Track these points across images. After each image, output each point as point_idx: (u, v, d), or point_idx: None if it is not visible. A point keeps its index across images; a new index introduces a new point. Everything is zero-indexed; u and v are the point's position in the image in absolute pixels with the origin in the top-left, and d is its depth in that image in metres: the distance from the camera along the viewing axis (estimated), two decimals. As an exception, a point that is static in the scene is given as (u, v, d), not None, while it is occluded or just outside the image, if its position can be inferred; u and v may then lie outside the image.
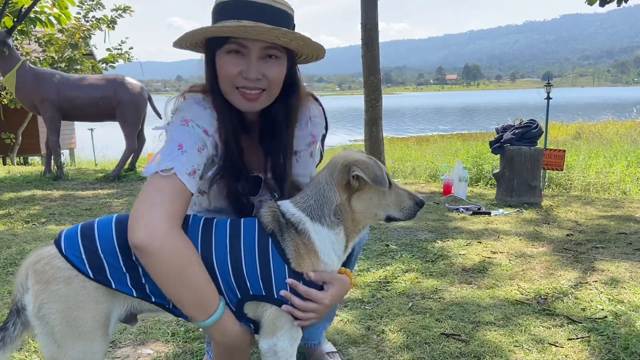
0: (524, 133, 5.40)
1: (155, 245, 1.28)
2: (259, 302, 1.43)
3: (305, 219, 1.46)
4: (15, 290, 1.33)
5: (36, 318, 1.28)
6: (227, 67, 1.45)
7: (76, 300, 1.28)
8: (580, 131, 19.66)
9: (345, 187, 1.47)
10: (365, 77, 8.90)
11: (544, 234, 4.11)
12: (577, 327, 2.39)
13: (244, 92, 1.47)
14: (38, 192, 6.15)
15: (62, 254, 1.31)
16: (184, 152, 1.40)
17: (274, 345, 1.44)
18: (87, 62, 11.02)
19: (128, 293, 1.36)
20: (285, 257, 1.42)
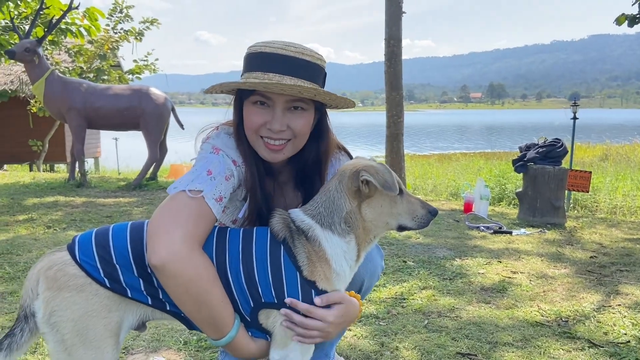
0: (548, 152, 5.31)
1: (175, 268, 1.27)
2: (272, 311, 1.41)
3: (315, 226, 1.44)
4: (25, 295, 1.31)
5: (46, 325, 1.27)
6: (252, 118, 1.47)
7: (88, 309, 1.27)
8: (607, 153, 19.28)
9: (355, 194, 1.44)
10: (387, 93, 8.90)
11: (566, 255, 4.00)
12: (598, 352, 2.31)
13: (268, 142, 1.49)
14: (61, 198, 6.26)
15: (76, 261, 1.30)
16: (212, 177, 1.42)
17: (285, 357, 1.42)
18: (114, 73, 11.26)
19: (143, 301, 1.35)
20: (297, 265, 1.40)
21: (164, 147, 7.70)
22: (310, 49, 1.47)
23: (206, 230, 1.39)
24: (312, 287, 1.41)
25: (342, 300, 1.46)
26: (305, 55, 1.43)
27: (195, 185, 1.38)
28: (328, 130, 1.61)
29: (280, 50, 1.41)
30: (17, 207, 5.60)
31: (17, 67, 12.17)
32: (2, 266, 3.40)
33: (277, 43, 1.43)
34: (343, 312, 1.46)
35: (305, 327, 1.40)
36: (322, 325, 1.41)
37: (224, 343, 1.38)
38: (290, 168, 1.65)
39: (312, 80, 1.45)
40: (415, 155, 22.07)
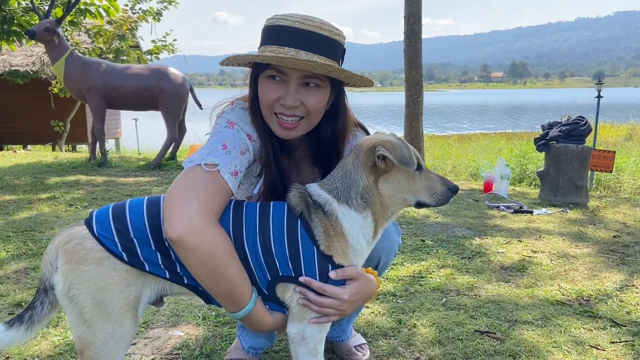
0: (571, 130, 5.18)
1: (193, 241, 1.27)
2: (289, 285, 1.41)
3: (332, 200, 1.42)
4: (44, 269, 1.33)
5: (65, 298, 1.28)
6: (267, 92, 1.44)
7: (106, 282, 1.28)
8: (632, 132, 18.83)
9: (371, 169, 1.42)
10: (406, 72, 8.77)
11: (589, 235, 3.93)
12: (620, 331, 2.27)
13: (281, 119, 1.46)
14: (82, 177, 6.35)
15: (94, 235, 1.30)
16: (228, 152, 1.41)
17: (302, 331, 1.41)
18: (133, 54, 11.30)
19: (161, 275, 1.35)
20: (314, 239, 1.39)
21: (182, 127, 7.73)
22: (329, 23, 1.43)
23: (222, 204, 1.38)
24: (329, 262, 1.40)
25: (357, 275, 1.44)
26: (323, 30, 1.39)
27: (210, 159, 1.37)
28: (345, 108, 1.58)
29: (298, 24, 1.37)
30: (40, 186, 5.70)
31: (38, 49, 12.28)
32: (25, 243, 3.47)
33: (295, 16, 1.39)
34: (358, 289, 1.45)
35: (320, 306, 1.40)
36: (336, 303, 1.40)
37: (241, 316, 1.39)
38: (306, 145, 1.63)
39: (330, 57, 1.41)
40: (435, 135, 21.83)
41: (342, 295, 1.41)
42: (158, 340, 2.17)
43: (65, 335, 2.15)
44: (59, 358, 1.98)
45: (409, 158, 1.36)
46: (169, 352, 2.07)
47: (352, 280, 1.44)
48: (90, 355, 1.29)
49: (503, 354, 2.06)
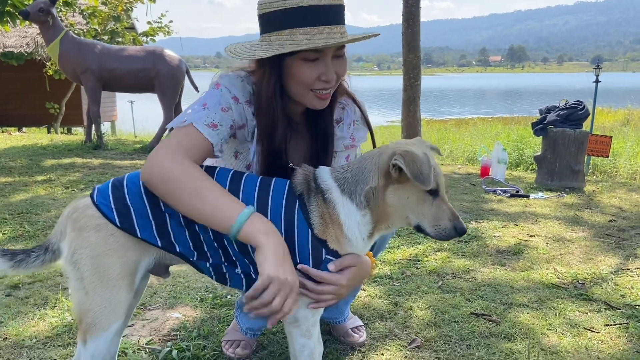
0: (569, 115, 5.18)
1: (162, 172, 1.32)
2: None
3: (335, 189, 1.41)
4: (54, 234, 1.39)
5: (69, 263, 1.34)
6: (306, 73, 1.44)
7: (105, 248, 1.32)
8: (629, 117, 18.86)
9: (385, 174, 1.37)
10: (404, 55, 8.71)
11: (585, 219, 3.95)
12: (615, 313, 2.29)
13: (320, 93, 1.47)
14: (78, 160, 6.32)
15: (94, 203, 1.35)
16: (206, 109, 1.44)
17: (295, 313, 1.41)
18: (128, 35, 11.18)
19: (153, 243, 1.37)
20: (310, 222, 1.38)
21: (179, 110, 7.67)
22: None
23: (195, 146, 1.39)
24: (322, 246, 1.39)
25: (354, 263, 1.44)
26: (337, 0, 1.42)
27: (185, 118, 1.42)
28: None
29: (317, 1, 1.38)
30: (36, 168, 5.67)
31: (33, 30, 12.13)
32: (21, 225, 3.46)
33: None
34: (355, 273, 1.45)
35: (319, 294, 1.40)
36: (334, 289, 1.41)
37: (238, 226, 1.29)
38: (303, 111, 1.62)
39: (344, 22, 1.46)
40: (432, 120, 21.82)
41: (340, 281, 1.41)
42: (156, 322, 2.18)
43: (63, 317, 2.16)
44: (57, 339, 1.99)
45: (425, 177, 1.28)
46: (167, 334, 2.08)
47: (349, 267, 1.44)
48: (88, 321, 1.32)
49: (498, 336, 2.08)
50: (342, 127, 1.66)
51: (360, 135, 1.70)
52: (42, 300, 2.34)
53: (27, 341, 1.97)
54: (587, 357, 1.93)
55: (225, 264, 1.44)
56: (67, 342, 1.97)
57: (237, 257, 1.42)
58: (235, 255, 1.41)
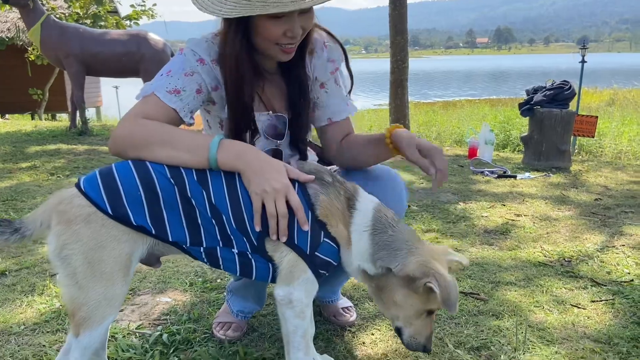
0: (555, 95, 5.20)
1: (120, 138, 1.37)
2: (280, 244, 1.38)
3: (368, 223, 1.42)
4: (31, 221, 1.30)
5: (58, 258, 1.27)
6: (272, 30, 1.42)
7: (97, 241, 1.26)
8: (614, 97, 19.02)
9: (409, 278, 1.37)
10: (391, 37, 8.67)
11: (571, 198, 3.99)
12: (601, 290, 2.33)
13: (286, 47, 1.46)
14: (63, 146, 6.24)
15: (82, 191, 1.29)
16: (169, 75, 1.45)
17: (290, 294, 1.40)
18: (111, 19, 10.97)
19: (147, 229, 1.31)
20: (310, 202, 1.37)
21: (165, 94, 7.59)
22: None
23: (157, 113, 1.40)
24: (322, 229, 1.38)
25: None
26: None
27: (148, 86, 1.44)
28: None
29: None
30: (20, 155, 5.59)
31: (13, 14, 11.86)
32: (7, 212, 3.42)
33: None
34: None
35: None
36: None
37: (214, 152, 1.33)
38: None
39: None
40: (420, 102, 21.82)
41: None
42: (145, 307, 2.17)
43: (51, 304, 2.15)
44: (45, 325, 1.98)
45: (453, 303, 1.33)
46: (157, 318, 2.07)
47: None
48: (82, 316, 1.28)
49: (486, 313, 2.10)
50: (317, 55, 1.64)
51: (336, 55, 1.68)
52: (30, 287, 2.32)
53: (15, 328, 1.96)
54: (573, 332, 1.96)
55: (221, 245, 1.39)
56: (55, 328, 1.96)
57: (234, 232, 1.37)
58: (232, 230, 1.37)
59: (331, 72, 1.67)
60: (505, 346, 1.86)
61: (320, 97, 1.70)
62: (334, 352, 1.83)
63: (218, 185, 1.35)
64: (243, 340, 1.90)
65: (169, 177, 1.33)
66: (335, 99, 1.70)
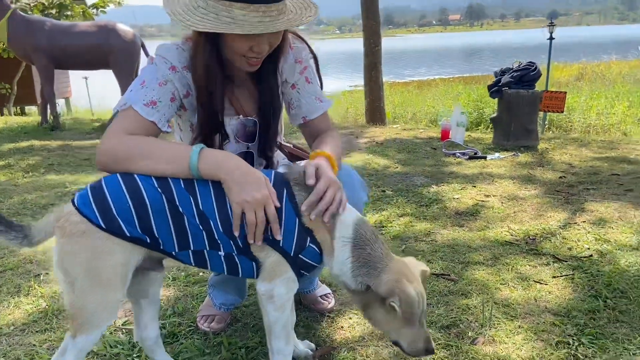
0: (522, 76, 5.34)
1: (104, 154, 1.43)
2: (264, 246, 1.44)
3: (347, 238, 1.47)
4: (38, 230, 1.38)
5: (59, 269, 1.36)
6: (238, 45, 1.47)
7: (94, 252, 1.34)
8: (582, 72, 19.39)
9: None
10: (364, 21, 8.71)
11: (537, 177, 4.16)
12: (562, 266, 2.48)
13: (252, 60, 1.52)
14: (36, 142, 6.17)
15: (77, 209, 1.36)
16: (144, 87, 1.50)
17: (271, 290, 1.48)
18: (77, 8, 10.75)
19: (143, 240, 1.38)
20: (297, 209, 1.43)
21: (137, 86, 7.52)
22: None
23: (137, 127, 1.46)
24: (308, 235, 1.45)
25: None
26: None
27: (124, 101, 1.49)
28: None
29: None
30: (-7, 154, 5.53)
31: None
32: (-15, 214, 3.42)
33: None
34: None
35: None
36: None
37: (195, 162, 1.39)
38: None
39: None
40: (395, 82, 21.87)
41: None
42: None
43: (37, 304, 2.20)
44: (34, 325, 2.04)
45: (415, 318, 1.43)
46: (142, 313, 2.15)
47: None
48: (82, 321, 1.36)
49: (456, 293, 2.23)
50: (285, 58, 1.68)
51: (303, 55, 1.73)
52: (15, 288, 2.37)
53: (5, 329, 2.01)
54: (535, 307, 2.10)
55: (207, 248, 1.44)
56: (44, 327, 2.02)
57: (220, 237, 1.42)
58: (219, 234, 1.42)
59: (300, 72, 1.72)
60: (473, 323, 2.00)
61: (292, 98, 1.75)
62: (314, 337, 1.94)
63: (205, 193, 1.41)
64: (227, 331, 2.00)
65: (156, 186, 1.38)
66: (308, 98, 1.74)
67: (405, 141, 5.83)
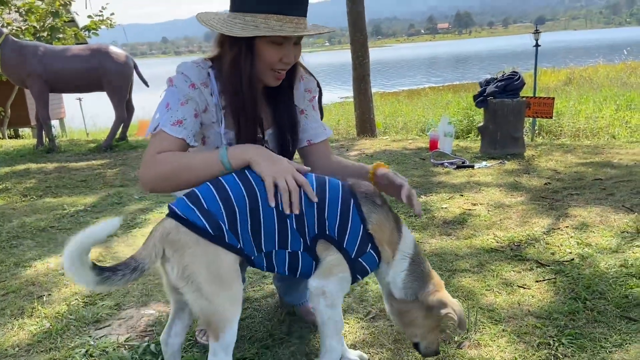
0: (506, 85, 5.49)
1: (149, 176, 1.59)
2: (331, 246, 1.58)
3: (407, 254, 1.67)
4: (145, 254, 1.44)
5: (182, 280, 1.45)
6: (270, 55, 1.65)
7: (211, 256, 1.45)
8: (571, 76, 19.67)
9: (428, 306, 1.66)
10: (351, 34, 8.88)
11: (523, 184, 4.28)
12: (545, 270, 2.59)
13: (279, 73, 1.70)
14: (32, 165, 6.26)
15: (182, 219, 1.45)
16: (169, 109, 1.65)
17: (324, 286, 1.59)
18: (69, 30, 10.89)
19: (234, 245, 1.49)
20: (362, 216, 1.58)
21: (130, 106, 7.63)
22: None
23: (169, 146, 1.61)
24: (370, 241, 1.60)
25: None
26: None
27: (154, 125, 1.64)
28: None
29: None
30: (-11, 178, 5.60)
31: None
32: (-15, 238, 3.50)
33: None
34: None
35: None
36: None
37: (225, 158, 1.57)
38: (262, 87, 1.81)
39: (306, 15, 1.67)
40: (385, 92, 22.12)
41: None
42: (131, 320, 2.33)
43: (41, 324, 2.28)
44: (39, 345, 2.12)
45: (464, 323, 1.67)
46: (143, 330, 2.23)
47: None
48: (216, 322, 1.47)
49: (444, 300, 2.33)
50: (296, 86, 1.87)
51: (312, 85, 1.92)
52: (19, 310, 2.45)
53: (10, 350, 2.09)
54: (519, 311, 2.21)
55: (276, 248, 1.56)
56: (49, 347, 2.10)
57: (293, 233, 1.54)
58: (292, 231, 1.54)
59: (309, 100, 1.93)
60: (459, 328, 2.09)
61: (300, 122, 1.93)
62: (308, 347, 2.03)
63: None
64: (225, 344, 2.08)
65: (242, 189, 1.51)
66: (314, 123, 1.94)
67: (394, 152, 5.96)
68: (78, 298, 2.53)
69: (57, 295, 2.59)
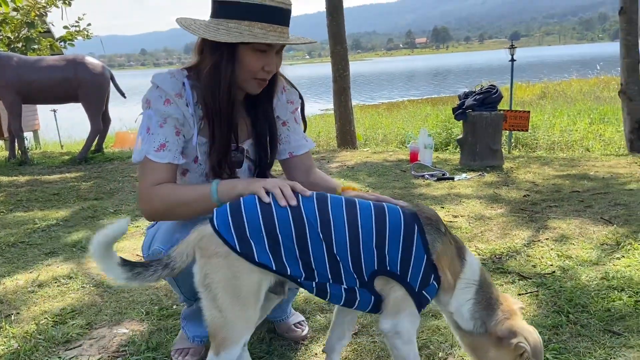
0: (484, 98, 5.55)
1: (149, 211, 1.66)
2: (392, 281, 1.47)
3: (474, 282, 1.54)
4: (177, 254, 1.46)
5: (201, 286, 1.44)
6: (253, 63, 1.64)
7: (234, 271, 1.42)
8: (545, 91, 20.09)
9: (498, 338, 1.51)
10: (331, 47, 8.89)
11: (502, 196, 4.30)
12: (527, 283, 2.57)
13: (260, 81, 1.69)
14: (3, 178, 6.07)
15: (216, 231, 1.43)
16: (150, 134, 1.64)
17: (396, 325, 1.49)
18: (44, 41, 10.72)
19: (268, 266, 1.42)
20: (427, 248, 1.46)
21: (107, 118, 7.50)
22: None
23: (158, 173, 1.63)
24: (432, 272, 1.48)
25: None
26: (288, 4, 1.64)
27: (138, 153, 1.65)
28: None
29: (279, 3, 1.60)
30: (-42, 192, 5.41)
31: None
32: (-49, 255, 3.35)
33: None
34: None
35: None
36: None
37: (215, 193, 1.58)
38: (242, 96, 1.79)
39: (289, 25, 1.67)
40: (365, 105, 22.24)
41: None
42: (103, 340, 2.23)
43: (9, 345, 2.17)
44: (4, 368, 2.01)
45: (541, 355, 1.49)
46: (116, 350, 2.14)
47: None
48: (223, 336, 1.44)
49: (426, 314, 2.29)
50: (277, 97, 1.86)
51: (294, 97, 1.91)
52: (-16, 331, 2.33)
53: (-26, 374, 1.98)
54: (502, 325, 2.17)
55: (331, 282, 1.47)
56: (15, 370, 2.00)
57: (347, 273, 1.46)
58: (346, 271, 1.45)
59: (291, 112, 1.91)
60: (443, 344, 2.05)
61: (282, 134, 1.91)
62: (288, 365, 1.97)
63: (340, 234, 1.44)
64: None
65: (290, 221, 1.43)
66: (296, 135, 1.93)
67: (375, 164, 5.95)
68: (48, 317, 2.42)
69: (26, 314, 2.48)
